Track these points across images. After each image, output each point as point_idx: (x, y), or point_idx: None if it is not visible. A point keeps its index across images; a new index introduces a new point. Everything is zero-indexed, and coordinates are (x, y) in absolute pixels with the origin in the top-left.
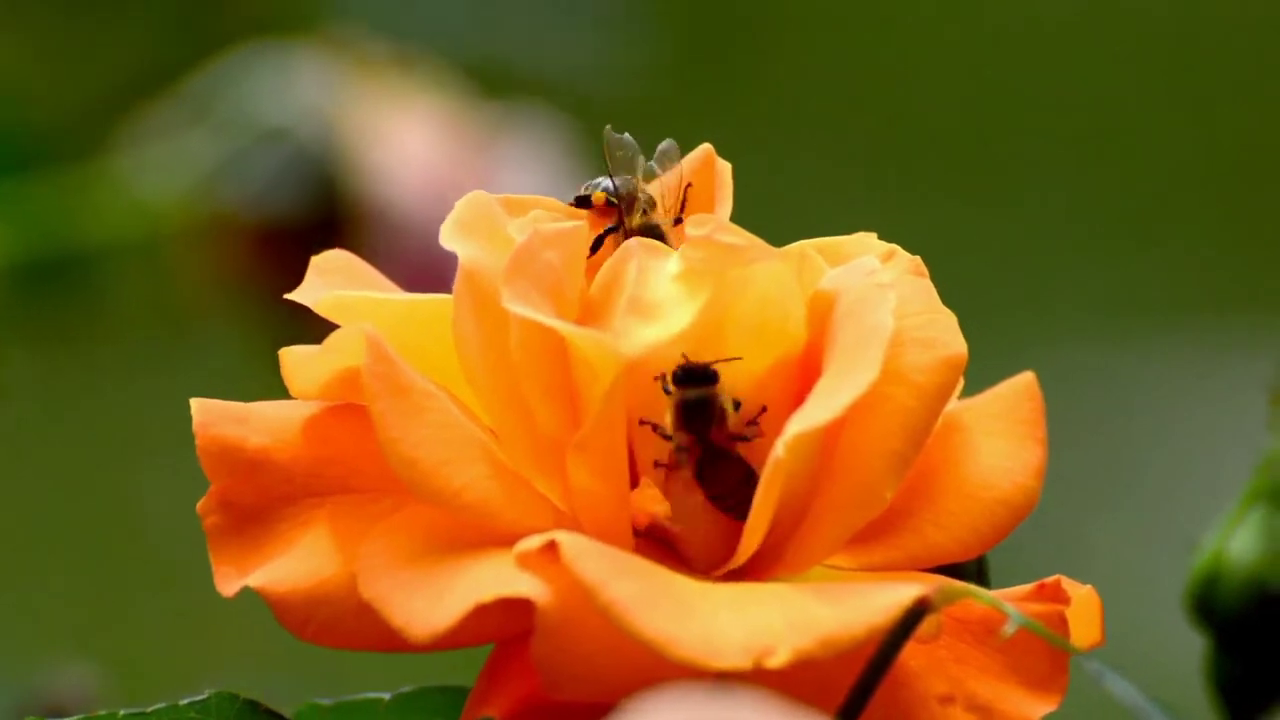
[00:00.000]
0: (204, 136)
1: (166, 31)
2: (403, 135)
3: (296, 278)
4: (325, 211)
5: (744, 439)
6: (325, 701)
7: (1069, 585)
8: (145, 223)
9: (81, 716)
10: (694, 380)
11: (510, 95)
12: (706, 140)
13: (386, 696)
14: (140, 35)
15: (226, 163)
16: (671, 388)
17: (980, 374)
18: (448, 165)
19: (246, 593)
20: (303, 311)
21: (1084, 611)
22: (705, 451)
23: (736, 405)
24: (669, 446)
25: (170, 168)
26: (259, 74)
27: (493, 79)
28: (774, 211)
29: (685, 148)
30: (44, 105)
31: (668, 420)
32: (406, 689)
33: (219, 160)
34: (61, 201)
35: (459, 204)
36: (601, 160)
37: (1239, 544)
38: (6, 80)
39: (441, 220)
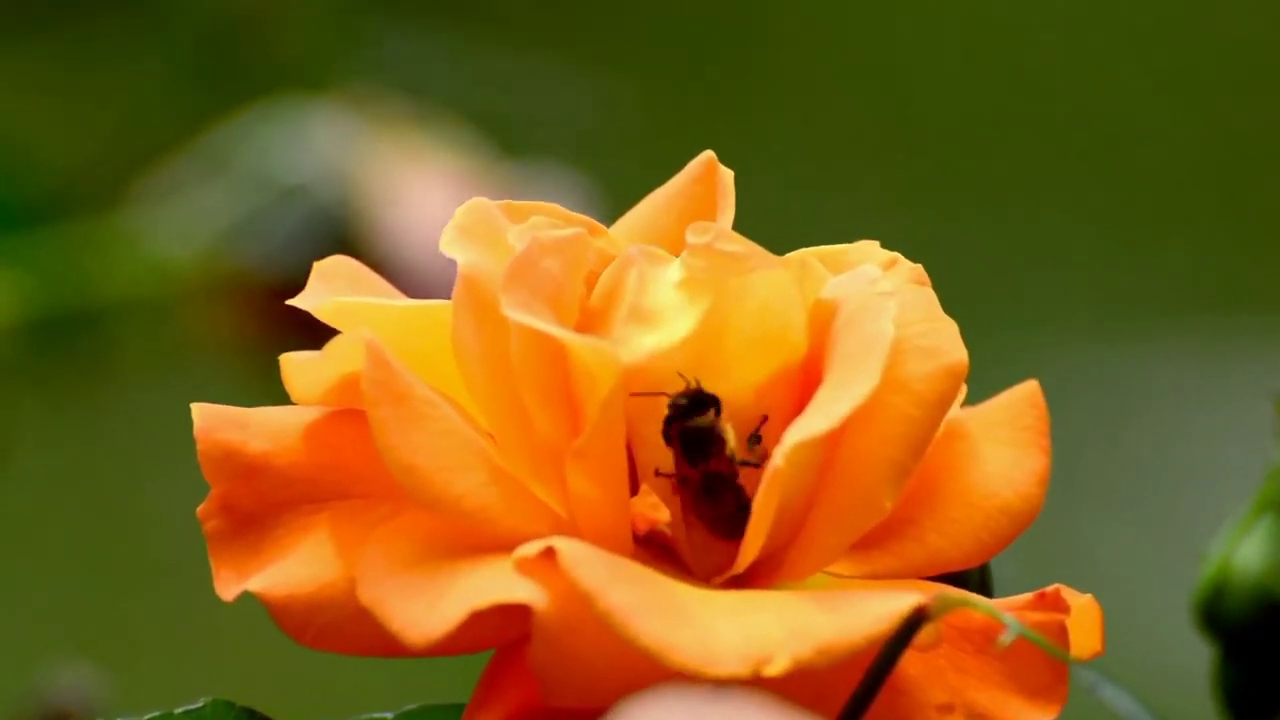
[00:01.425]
0: (220, 193)
1: (181, 87)
2: (420, 193)
3: (312, 336)
4: None
5: (750, 464)
6: None
7: (1069, 594)
8: (160, 279)
9: None
10: (693, 410)
11: (528, 153)
12: (709, 147)
13: (390, 716)
14: (156, 91)
15: (243, 220)
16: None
17: (982, 377)
18: None
19: (251, 599)
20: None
21: (1084, 620)
22: (703, 480)
23: (755, 437)
24: (669, 454)
25: (186, 224)
26: (276, 130)
27: (510, 137)
28: (774, 216)
29: (687, 158)
30: (58, 160)
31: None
32: (410, 707)
33: (235, 217)
34: (76, 257)
35: (459, 210)
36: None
37: (1246, 554)
38: (21, 134)
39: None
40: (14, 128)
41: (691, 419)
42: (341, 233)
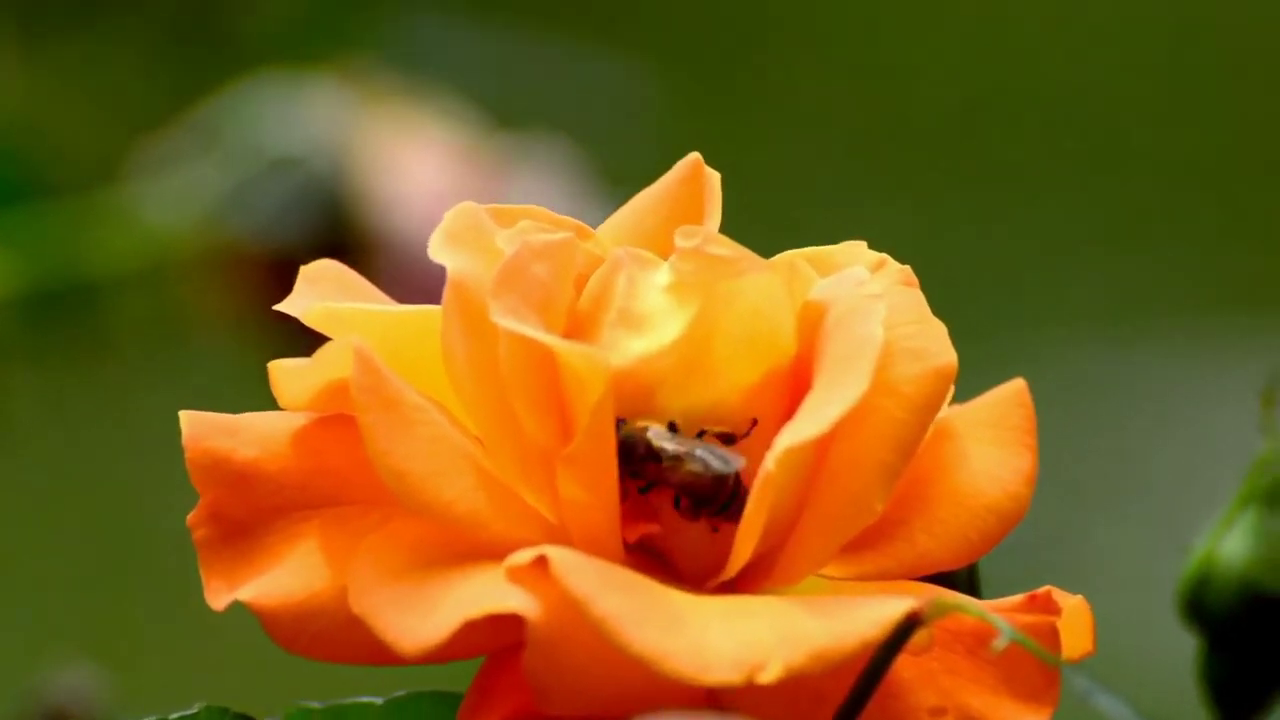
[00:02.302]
0: (213, 166)
1: (173, 60)
2: (412, 166)
3: None
4: (334, 242)
5: (705, 433)
6: (315, 705)
7: (1060, 596)
8: (154, 252)
9: None
10: None
11: (520, 126)
12: (703, 144)
13: (378, 701)
14: (149, 64)
15: (236, 192)
16: None
17: (979, 375)
18: (458, 196)
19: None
20: (309, 339)
21: (1075, 622)
22: (668, 473)
23: (672, 425)
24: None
25: (179, 197)
26: (269, 103)
27: (503, 109)
28: (772, 214)
29: (682, 153)
30: (52, 134)
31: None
32: (399, 694)
33: (228, 190)
34: (70, 231)
35: (447, 215)
36: (606, 190)
37: (1230, 546)
38: (15, 109)
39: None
40: (5, 104)
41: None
42: (334, 205)
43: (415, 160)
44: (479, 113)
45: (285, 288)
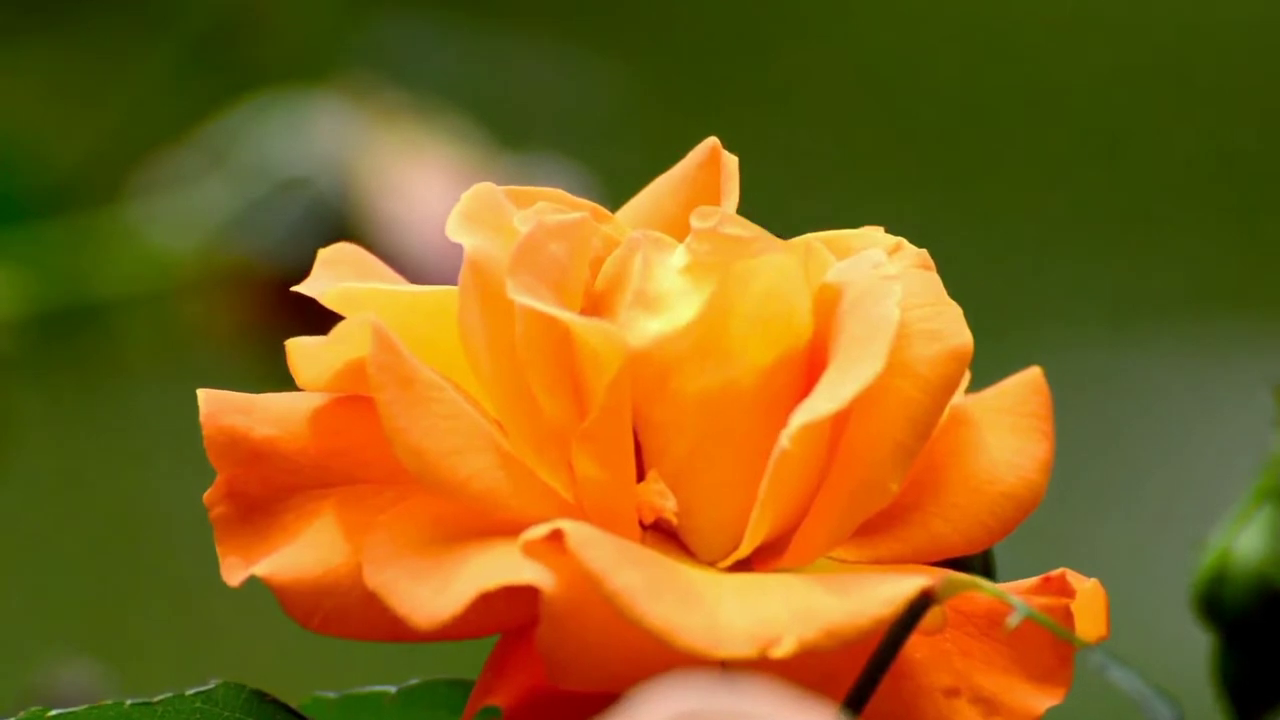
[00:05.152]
0: (219, 185)
1: (181, 80)
2: (419, 185)
3: (311, 328)
4: None
5: None
6: (331, 694)
7: (1074, 579)
8: (160, 272)
9: (88, 706)
10: None
11: (527, 144)
12: (709, 136)
13: (392, 690)
14: (155, 84)
15: (242, 212)
16: None
17: (983, 375)
18: None
19: (251, 595)
20: None
21: (1089, 605)
22: None
23: None
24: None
25: (186, 217)
26: (275, 123)
27: (509, 128)
28: (776, 211)
29: (688, 147)
30: (59, 154)
31: None
32: (413, 682)
33: (235, 210)
34: (77, 251)
35: (465, 196)
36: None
37: (1245, 542)
38: (22, 128)
39: (458, 271)
40: (14, 122)
41: None
42: (341, 225)
43: (421, 180)
44: (480, 128)
45: (291, 308)
